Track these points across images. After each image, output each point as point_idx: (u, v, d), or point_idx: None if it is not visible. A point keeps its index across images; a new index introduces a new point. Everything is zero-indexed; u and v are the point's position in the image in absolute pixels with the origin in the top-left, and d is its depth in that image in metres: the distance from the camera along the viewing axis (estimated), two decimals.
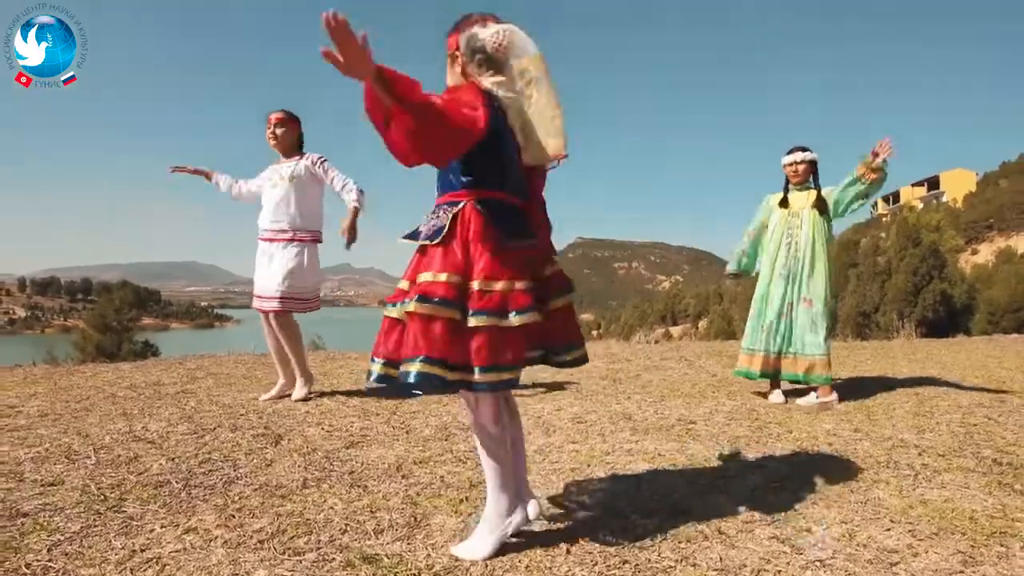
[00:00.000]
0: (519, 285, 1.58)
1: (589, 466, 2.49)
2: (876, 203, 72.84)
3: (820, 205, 3.81)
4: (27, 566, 1.61)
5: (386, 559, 1.67)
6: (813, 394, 3.77)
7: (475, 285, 1.57)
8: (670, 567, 1.66)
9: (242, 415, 3.31)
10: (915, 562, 1.70)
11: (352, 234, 3.57)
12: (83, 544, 1.74)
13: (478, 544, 1.70)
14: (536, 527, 1.86)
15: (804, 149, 3.87)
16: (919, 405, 3.68)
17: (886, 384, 4.44)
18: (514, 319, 1.56)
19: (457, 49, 1.69)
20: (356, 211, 3.59)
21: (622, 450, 2.72)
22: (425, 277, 1.59)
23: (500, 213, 1.63)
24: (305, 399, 3.69)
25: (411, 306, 1.56)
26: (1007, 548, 1.78)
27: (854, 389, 4.22)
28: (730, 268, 4.23)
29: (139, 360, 6.46)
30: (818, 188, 3.86)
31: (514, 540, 1.76)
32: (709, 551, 1.74)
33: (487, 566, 1.64)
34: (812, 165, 3.87)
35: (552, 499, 2.11)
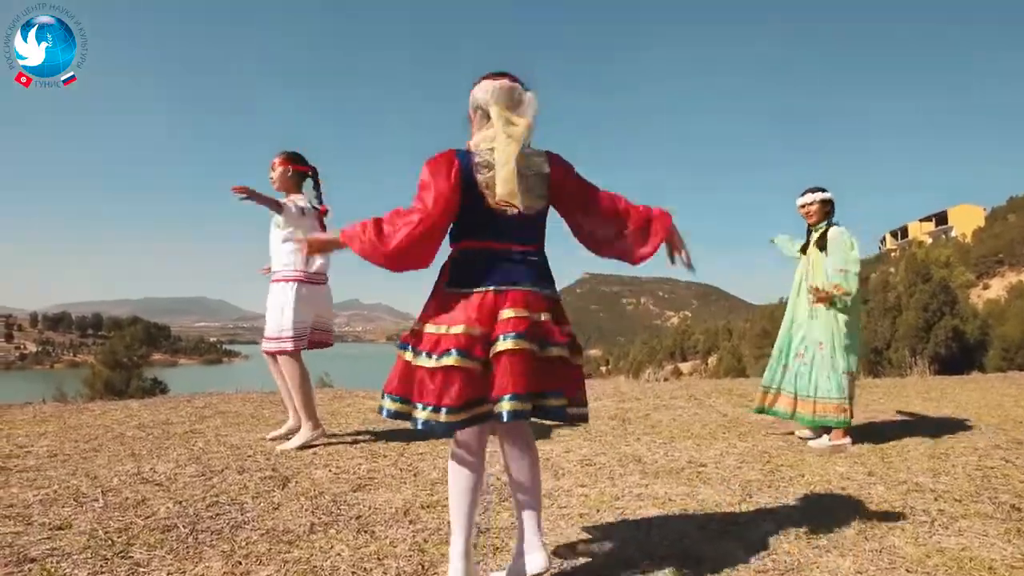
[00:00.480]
0: (454, 329, 1.64)
1: (599, 511, 2.46)
2: (884, 238, 72.64)
3: (820, 243, 3.80)
4: None
5: None
6: (826, 436, 3.73)
7: (426, 328, 1.70)
8: None
9: (249, 456, 3.31)
10: None
11: (249, 191, 3.31)
12: None
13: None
14: None
15: (816, 190, 3.87)
16: (934, 447, 3.62)
17: (900, 424, 4.38)
18: (436, 360, 1.62)
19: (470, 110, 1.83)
20: (271, 200, 3.45)
21: (632, 494, 2.69)
22: None
23: (466, 261, 1.72)
24: (306, 447, 3.52)
25: None
26: None
27: (868, 430, 4.17)
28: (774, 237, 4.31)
29: (148, 397, 6.47)
30: (828, 227, 3.85)
31: None
32: None
33: None
34: (826, 205, 3.87)
35: (562, 545, 2.09)
